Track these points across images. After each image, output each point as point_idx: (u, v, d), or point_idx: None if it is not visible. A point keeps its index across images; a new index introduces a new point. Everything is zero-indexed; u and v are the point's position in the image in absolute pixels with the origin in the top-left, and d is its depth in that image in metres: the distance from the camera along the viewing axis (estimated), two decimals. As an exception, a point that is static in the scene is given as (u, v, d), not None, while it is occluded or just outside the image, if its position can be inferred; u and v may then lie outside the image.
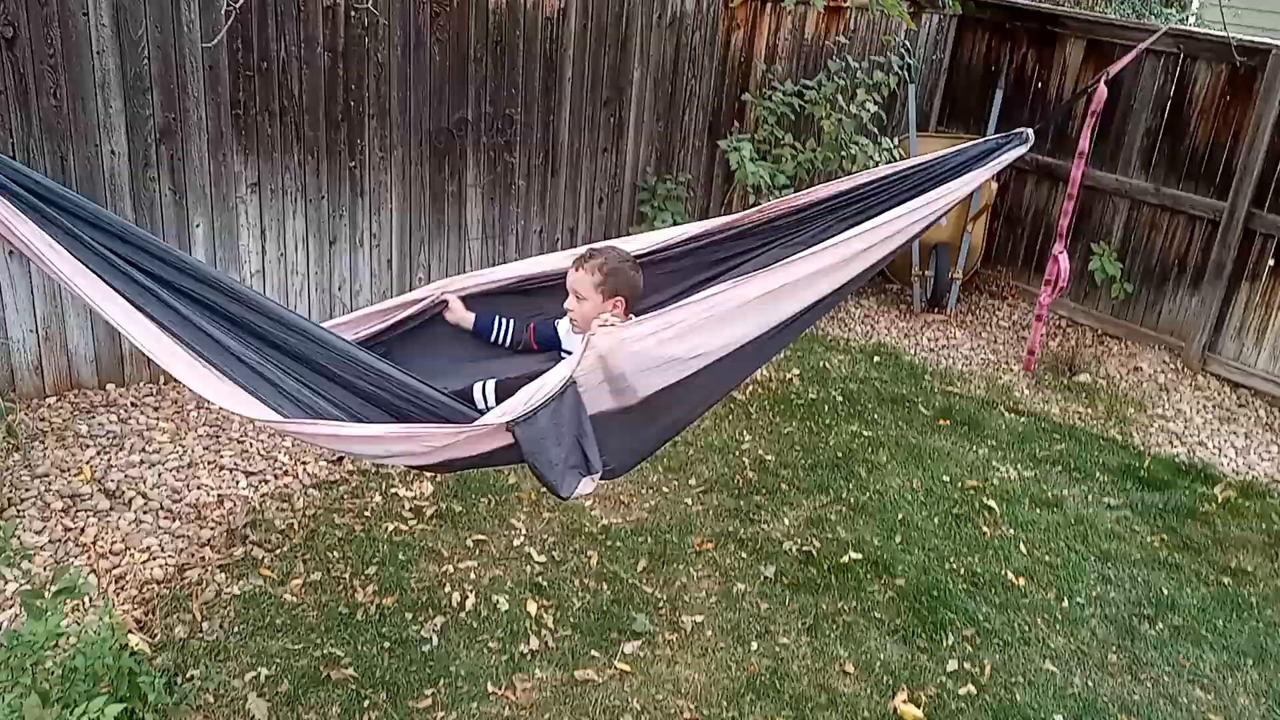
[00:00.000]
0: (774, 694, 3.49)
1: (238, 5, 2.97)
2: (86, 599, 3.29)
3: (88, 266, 2.26)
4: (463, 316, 2.99)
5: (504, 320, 3.01)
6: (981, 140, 3.10)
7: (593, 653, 3.57)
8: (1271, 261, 6.26)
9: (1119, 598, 4.25)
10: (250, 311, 2.43)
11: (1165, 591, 4.32)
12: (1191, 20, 9.96)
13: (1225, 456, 5.65)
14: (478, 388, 2.81)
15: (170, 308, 2.35)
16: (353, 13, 4.80)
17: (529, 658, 3.52)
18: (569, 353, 2.90)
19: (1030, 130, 3.07)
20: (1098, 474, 5.26)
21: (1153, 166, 6.84)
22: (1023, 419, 5.80)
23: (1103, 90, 3.52)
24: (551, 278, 3.04)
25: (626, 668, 3.52)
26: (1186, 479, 5.32)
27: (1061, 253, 3.85)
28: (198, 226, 4.72)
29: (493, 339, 2.99)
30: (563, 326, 3.01)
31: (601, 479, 2.64)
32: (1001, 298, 7.60)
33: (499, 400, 2.67)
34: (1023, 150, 3.07)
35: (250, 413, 2.37)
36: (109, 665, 2.41)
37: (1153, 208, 6.85)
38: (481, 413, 2.57)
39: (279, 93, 4.73)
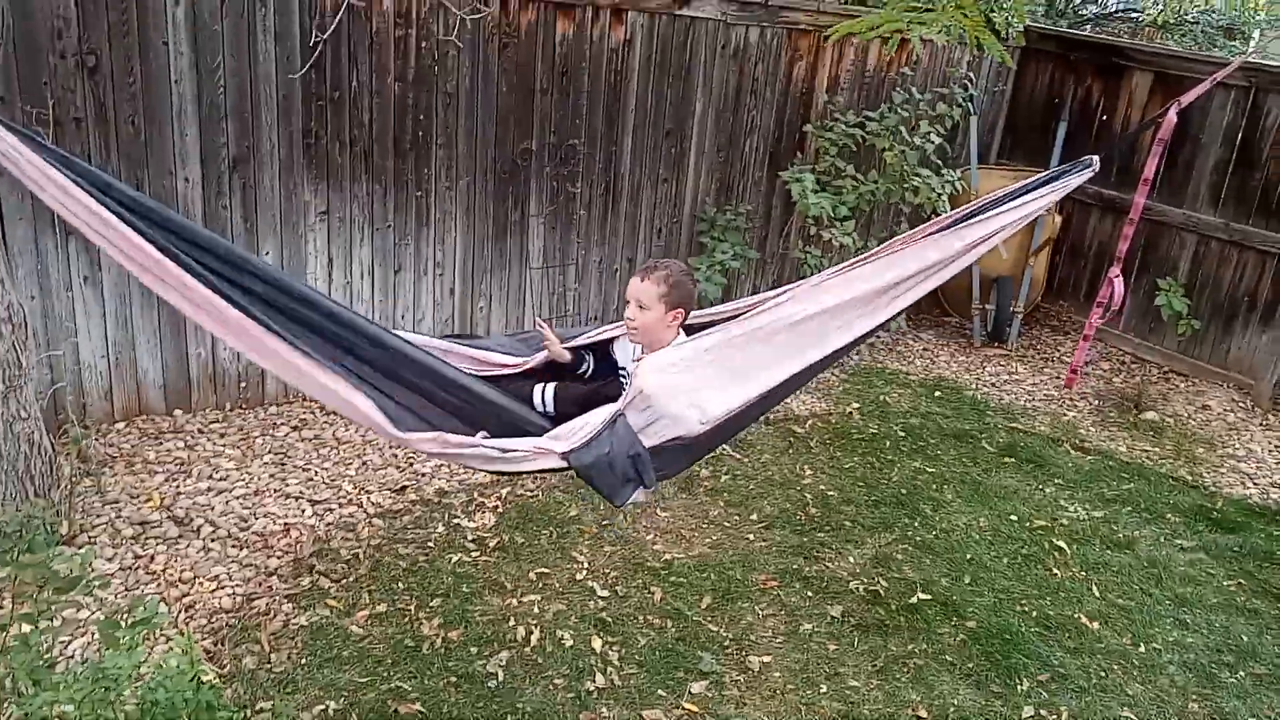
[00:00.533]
0: (846, 739, 3.41)
1: (325, 36, 2.99)
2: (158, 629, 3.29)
3: (202, 282, 2.42)
4: (560, 352, 3.11)
5: (588, 354, 3.16)
6: (1046, 173, 3.11)
7: (659, 692, 3.51)
8: (1348, 299, 6.11)
9: (1197, 643, 4.12)
10: (343, 328, 2.64)
11: (1245, 638, 4.18)
12: (1251, 54, 9.83)
13: (1301, 499, 5.49)
14: (537, 390, 3.00)
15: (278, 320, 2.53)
16: (423, 44, 4.84)
17: (595, 696, 3.46)
18: (624, 370, 2.97)
19: (1095, 157, 3.09)
20: (1169, 515, 5.13)
21: (1222, 201, 6.71)
22: (1089, 457, 5.67)
23: (1172, 118, 3.45)
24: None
25: (694, 708, 3.46)
26: (1261, 521, 5.17)
27: (1117, 276, 3.75)
28: (266, 254, 4.76)
29: (581, 371, 3.14)
30: (619, 350, 3.13)
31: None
32: (1064, 332, 7.47)
33: (556, 403, 2.95)
34: (1087, 175, 3.09)
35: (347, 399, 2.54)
36: (188, 699, 2.40)
37: (1222, 243, 6.72)
38: (540, 414, 2.90)
39: (350, 122, 4.78)
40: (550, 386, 2.99)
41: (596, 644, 3.69)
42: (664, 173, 5.94)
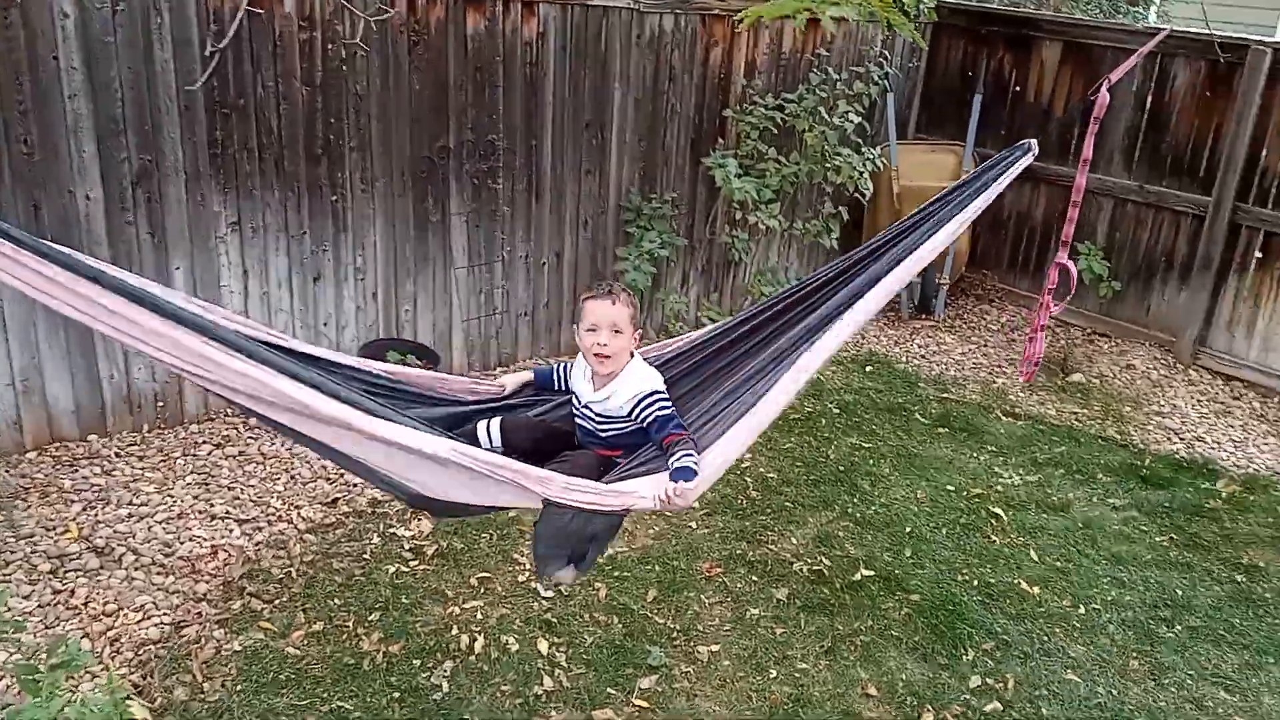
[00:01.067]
0: (797, 723, 3.41)
1: (222, 46, 2.86)
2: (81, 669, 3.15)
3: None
4: (520, 378, 3.07)
5: (556, 365, 3.09)
6: (988, 162, 3.14)
7: (609, 690, 3.47)
8: (1259, 254, 6.28)
9: (1134, 601, 4.20)
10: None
11: (1179, 592, 4.28)
12: (1154, 18, 10.07)
13: (1224, 451, 5.64)
14: (481, 426, 2.84)
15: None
16: (329, 46, 4.71)
17: (544, 699, 3.41)
18: (574, 393, 2.88)
19: (1034, 141, 3.17)
20: (1100, 475, 5.23)
21: (1135, 164, 6.85)
22: (1020, 422, 5.76)
23: (1105, 97, 3.51)
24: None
25: (645, 704, 3.42)
26: (1189, 475, 5.30)
27: (1067, 261, 3.82)
28: (177, 269, 4.60)
29: (557, 386, 3.05)
30: (575, 372, 2.97)
31: None
32: (988, 300, 7.59)
33: (504, 438, 2.81)
34: (1029, 160, 3.15)
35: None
36: (114, 739, 2.29)
37: (1137, 205, 6.86)
38: (488, 450, 2.69)
39: (257, 129, 4.63)
40: (495, 421, 2.85)
41: (543, 646, 3.64)
42: (587, 164, 5.87)
